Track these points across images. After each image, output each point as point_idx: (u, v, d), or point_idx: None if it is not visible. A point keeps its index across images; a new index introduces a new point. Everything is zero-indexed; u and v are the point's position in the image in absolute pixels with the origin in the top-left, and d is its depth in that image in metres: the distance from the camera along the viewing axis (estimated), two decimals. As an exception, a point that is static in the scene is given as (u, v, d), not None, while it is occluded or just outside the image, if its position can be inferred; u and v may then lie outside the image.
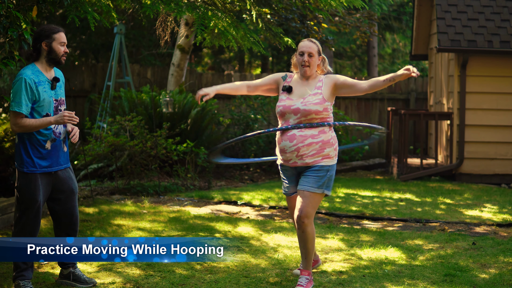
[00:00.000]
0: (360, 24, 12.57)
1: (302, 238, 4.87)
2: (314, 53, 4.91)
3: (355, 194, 9.38)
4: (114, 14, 7.26)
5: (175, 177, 10.26)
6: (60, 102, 4.86)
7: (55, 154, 4.79)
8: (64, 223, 4.93)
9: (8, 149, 8.06)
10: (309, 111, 4.79)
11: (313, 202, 4.81)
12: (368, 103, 14.15)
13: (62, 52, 4.79)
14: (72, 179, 4.93)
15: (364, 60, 22.77)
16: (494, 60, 11.01)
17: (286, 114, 4.87)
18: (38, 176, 4.75)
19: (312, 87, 4.91)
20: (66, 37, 4.85)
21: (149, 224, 7.09)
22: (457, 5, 11.16)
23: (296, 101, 4.86)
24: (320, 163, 4.81)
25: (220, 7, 7.43)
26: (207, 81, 13.86)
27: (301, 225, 4.81)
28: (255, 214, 7.95)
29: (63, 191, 4.88)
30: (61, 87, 4.90)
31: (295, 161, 4.84)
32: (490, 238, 6.66)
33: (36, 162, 4.73)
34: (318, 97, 4.84)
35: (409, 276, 5.31)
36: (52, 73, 4.84)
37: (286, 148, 4.84)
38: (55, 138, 4.78)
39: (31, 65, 4.78)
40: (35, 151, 4.73)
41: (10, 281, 5.00)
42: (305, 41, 4.96)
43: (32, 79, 4.68)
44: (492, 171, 11.04)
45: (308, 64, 4.90)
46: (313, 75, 4.97)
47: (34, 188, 4.74)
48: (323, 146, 4.81)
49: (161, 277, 5.17)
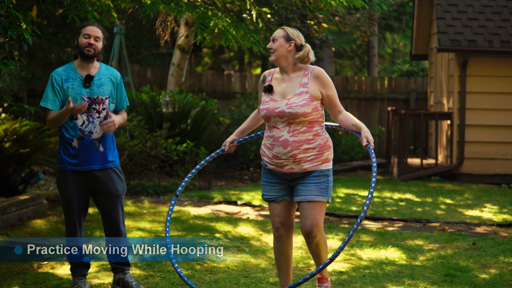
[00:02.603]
0: (360, 24, 12.57)
1: (316, 252, 4.45)
2: (278, 38, 4.38)
3: (355, 194, 9.37)
4: (114, 14, 7.25)
5: (175, 177, 10.25)
6: (97, 101, 4.71)
7: (85, 153, 4.71)
8: (105, 223, 4.88)
9: (8, 149, 8.05)
10: (296, 114, 4.30)
11: (321, 212, 4.38)
12: (368, 103, 14.15)
13: (85, 44, 4.69)
14: (112, 181, 4.79)
15: (364, 60, 22.76)
16: (494, 60, 11.00)
17: (271, 118, 4.36)
18: (68, 173, 4.71)
19: (296, 84, 4.38)
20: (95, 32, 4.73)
21: (149, 224, 7.09)
22: (457, 5, 11.15)
23: (280, 103, 4.34)
24: (320, 168, 4.36)
25: (220, 7, 7.42)
26: (207, 81, 13.86)
27: (313, 239, 4.36)
28: (255, 214, 7.95)
29: (101, 193, 4.78)
30: (103, 85, 4.75)
31: (291, 167, 4.36)
32: (490, 238, 6.66)
33: (65, 159, 4.71)
34: (304, 97, 4.32)
35: (409, 276, 5.30)
36: (90, 70, 4.75)
37: (280, 155, 4.34)
38: (82, 137, 4.70)
39: (70, 62, 4.82)
40: (65, 148, 4.72)
41: (10, 281, 4.99)
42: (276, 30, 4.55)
43: (60, 75, 4.68)
44: (492, 171, 11.04)
45: (272, 50, 4.38)
46: (289, 66, 4.42)
47: (64, 185, 4.72)
48: (321, 150, 4.37)
49: (161, 277, 5.16)
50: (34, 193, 7.58)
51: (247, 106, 12.59)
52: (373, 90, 14.20)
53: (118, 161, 4.90)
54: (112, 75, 4.84)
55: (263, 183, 4.54)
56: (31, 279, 5.06)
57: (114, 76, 4.85)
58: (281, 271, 4.58)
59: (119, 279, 4.88)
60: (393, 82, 14.27)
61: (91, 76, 4.71)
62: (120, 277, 4.87)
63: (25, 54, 13.46)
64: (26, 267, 5.40)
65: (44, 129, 8.77)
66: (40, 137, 8.46)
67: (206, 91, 13.61)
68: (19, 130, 8.17)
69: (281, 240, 4.50)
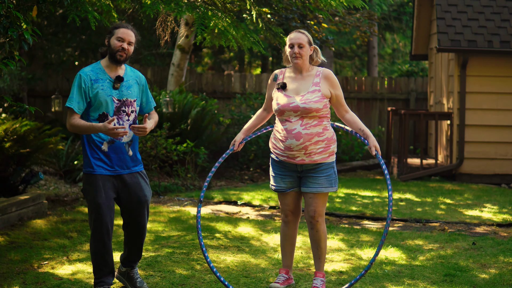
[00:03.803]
0: (360, 24, 12.57)
1: (315, 237, 4.84)
2: (304, 44, 4.74)
3: (355, 194, 9.38)
4: (114, 14, 7.26)
5: (175, 177, 10.26)
6: (126, 103, 4.61)
7: (114, 156, 4.58)
8: (130, 230, 4.75)
9: (8, 149, 8.05)
10: (310, 109, 4.68)
11: (325, 201, 4.84)
12: (368, 103, 14.15)
13: (118, 47, 4.55)
14: (140, 186, 4.66)
15: (364, 60, 22.77)
16: (494, 60, 11.01)
17: (285, 112, 4.73)
18: (98, 177, 4.54)
19: (308, 82, 4.77)
20: (129, 36, 4.61)
21: (149, 224, 7.09)
22: (457, 5, 11.16)
23: (293, 98, 4.73)
24: (327, 160, 4.76)
25: (220, 7, 7.43)
26: (207, 81, 13.86)
27: (315, 224, 4.79)
28: (255, 214, 7.95)
29: (130, 198, 4.65)
30: (131, 87, 4.66)
31: (302, 158, 4.72)
32: (490, 238, 6.66)
33: (93, 162, 4.55)
34: (317, 95, 4.72)
35: (409, 276, 5.31)
36: (118, 72, 4.63)
37: (292, 146, 4.70)
38: (113, 140, 4.57)
39: (96, 62, 4.67)
40: (92, 151, 4.57)
41: (10, 281, 5.00)
42: (294, 33, 4.80)
43: (89, 75, 4.54)
44: (492, 171, 11.04)
45: (300, 56, 4.74)
46: (306, 67, 4.81)
47: (91, 190, 4.54)
48: (329, 143, 4.75)
49: (161, 277, 5.17)
50: (34, 193, 7.58)
51: (247, 106, 12.60)
52: (373, 90, 14.20)
53: (143, 165, 4.81)
54: (138, 77, 4.76)
55: (272, 174, 4.91)
56: (31, 279, 5.06)
57: (139, 78, 4.77)
58: (285, 253, 5.01)
59: (125, 271, 4.88)
60: (393, 82, 14.27)
61: (122, 78, 4.59)
62: (128, 271, 4.87)
63: (25, 54, 13.47)
64: (26, 267, 5.40)
65: (44, 129, 8.77)
66: (40, 137, 8.47)
67: (206, 91, 13.61)
68: (19, 130, 8.17)
69: (288, 225, 4.96)
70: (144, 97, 4.81)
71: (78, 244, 6.25)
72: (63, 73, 13.44)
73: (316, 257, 4.89)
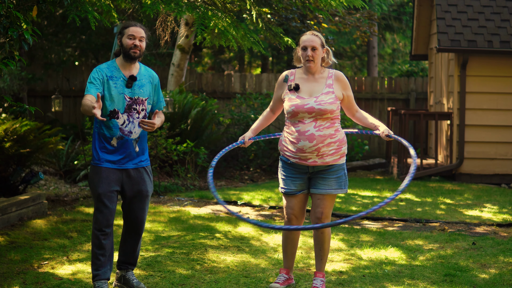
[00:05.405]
0: (360, 24, 12.57)
1: (320, 239, 4.85)
2: (318, 47, 4.74)
3: (355, 194, 9.38)
4: (114, 14, 7.26)
5: (175, 177, 10.26)
6: (137, 102, 4.72)
7: (123, 152, 4.72)
8: (128, 223, 4.86)
9: (8, 149, 8.05)
10: (325, 111, 4.68)
11: (332, 203, 4.86)
12: (368, 103, 14.15)
13: (130, 45, 4.68)
14: (144, 181, 4.80)
15: (364, 60, 22.77)
16: (494, 60, 11.01)
17: (299, 113, 4.71)
18: (103, 169, 4.68)
19: (322, 84, 4.78)
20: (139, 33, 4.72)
21: (149, 224, 7.09)
22: (457, 5, 11.16)
23: (308, 100, 4.72)
24: (338, 162, 4.79)
25: (220, 7, 7.43)
26: (207, 81, 13.86)
27: None
28: (255, 214, 7.95)
29: (132, 190, 4.77)
30: (143, 86, 4.77)
31: (314, 160, 4.72)
32: (490, 238, 6.66)
33: (102, 156, 4.70)
34: (331, 96, 4.73)
35: (409, 276, 5.31)
36: (132, 70, 4.76)
37: (305, 148, 4.69)
38: (122, 136, 4.71)
39: (111, 60, 4.80)
40: (102, 145, 4.71)
41: (10, 281, 5.00)
42: (308, 35, 4.79)
43: (105, 71, 4.68)
44: (492, 171, 11.04)
45: (313, 59, 4.74)
46: (318, 69, 4.82)
47: (95, 180, 4.69)
48: (340, 145, 4.78)
49: (161, 277, 5.17)
50: (34, 193, 7.58)
51: (247, 106, 12.60)
52: (373, 90, 14.21)
53: (149, 161, 4.92)
54: (151, 76, 4.87)
55: (282, 177, 4.88)
56: (31, 279, 5.07)
57: (152, 77, 4.87)
58: (287, 254, 4.98)
59: (121, 276, 4.89)
60: (393, 82, 14.28)
61: (135, 77, 4.72)
62: (123, 274, 4.88)
63: (25, 54, 13.47)
64: (26, 267, 5.40)
65: (44, 129, 8.77)
66: (40, 137, 8.47)
67: (206, 91, 13.61)
68: (19, 130, 8.17)
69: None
70: (155, 96, 4.91)
71: (78, 244, 6.25)
72: (63, 73, 13.44)
73: (318, 257, 4.88)
